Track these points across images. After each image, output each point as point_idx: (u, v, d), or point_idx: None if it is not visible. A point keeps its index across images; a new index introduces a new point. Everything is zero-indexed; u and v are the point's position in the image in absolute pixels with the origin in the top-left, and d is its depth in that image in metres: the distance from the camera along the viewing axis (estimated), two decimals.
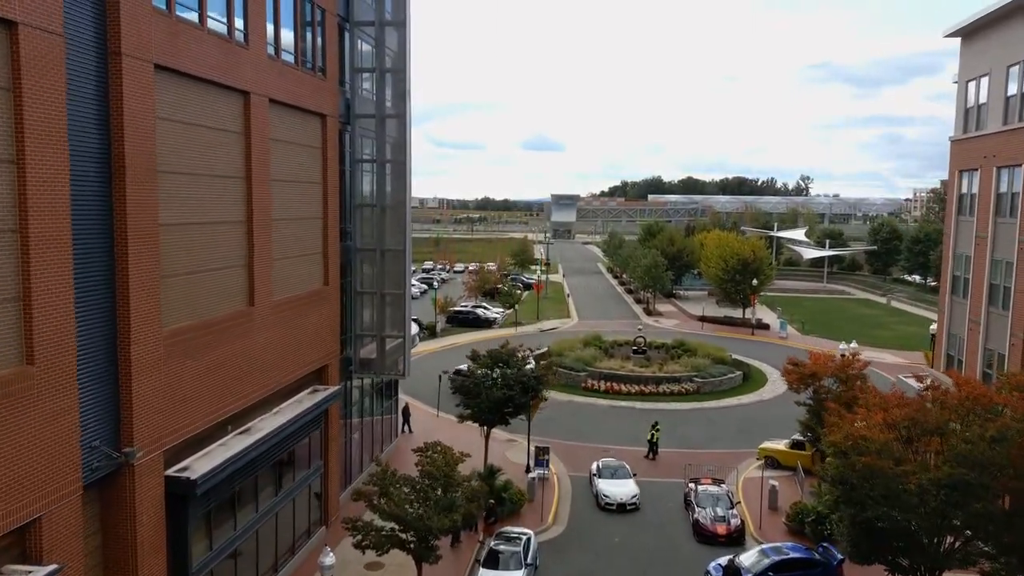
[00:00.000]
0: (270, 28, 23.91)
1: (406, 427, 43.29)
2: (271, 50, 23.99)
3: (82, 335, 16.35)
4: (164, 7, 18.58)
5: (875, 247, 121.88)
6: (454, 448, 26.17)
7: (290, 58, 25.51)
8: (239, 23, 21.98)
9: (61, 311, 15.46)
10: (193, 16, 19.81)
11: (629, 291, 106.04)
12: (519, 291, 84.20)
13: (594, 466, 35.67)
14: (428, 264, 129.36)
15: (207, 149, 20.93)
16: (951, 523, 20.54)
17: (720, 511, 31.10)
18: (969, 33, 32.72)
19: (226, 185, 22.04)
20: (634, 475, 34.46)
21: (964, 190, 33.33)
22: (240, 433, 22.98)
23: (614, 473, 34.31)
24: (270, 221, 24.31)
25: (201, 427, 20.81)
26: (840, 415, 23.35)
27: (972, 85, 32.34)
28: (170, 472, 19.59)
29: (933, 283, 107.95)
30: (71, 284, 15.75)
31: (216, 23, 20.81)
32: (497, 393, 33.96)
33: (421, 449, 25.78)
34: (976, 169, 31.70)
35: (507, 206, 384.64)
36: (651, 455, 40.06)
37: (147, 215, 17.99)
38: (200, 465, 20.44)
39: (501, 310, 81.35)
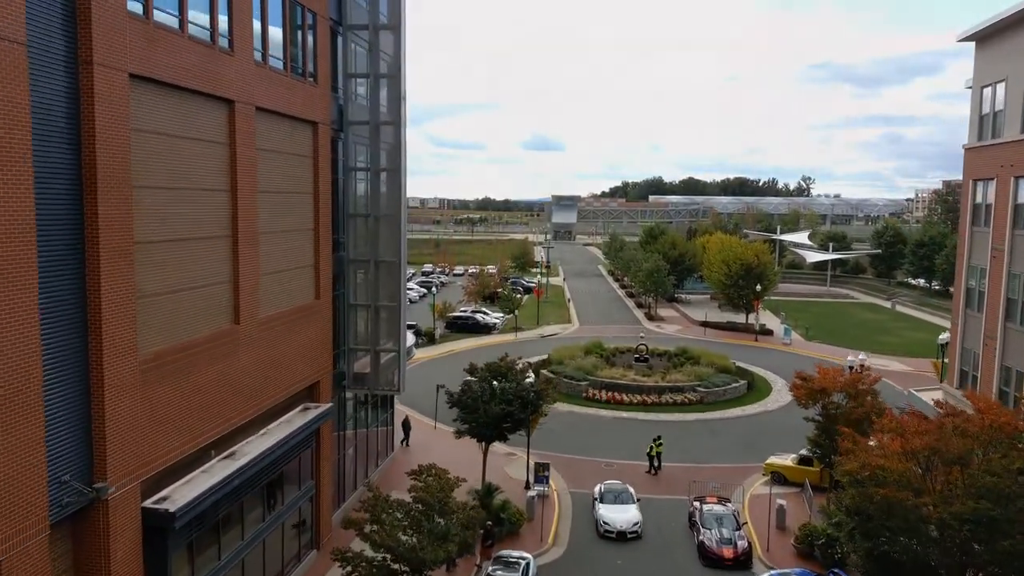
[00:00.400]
0: (257, 33, 22.82)
1: (405, 441, 42.17)
2: (258, 56, 22.89)
3: (50, 364, 15.26)
4: (141, 12, 17.48)
5: (879, 251, 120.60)
6: (451, 466, 25.18)
7: (279, 64, 24.41)
8: (223, 28, 20.88)
9: (25, 340, 14.36)
10: (173, 21, 18.71)
11: (630, 295, 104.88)
12: (519, 295, 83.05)
13: (597, 489, 34.07)
14: (428, 267, 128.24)
15: (188, 161, 19.82)
16: (973, 559, 19.39)
17: (726, 532, 29.94)
18: (985, 37, 31.59)
19: (210, 198, 20.94)
20: (637, 500, 32.91)
21: (979, 200, 32.18)
22: (224, 458, 21.89)
23: (617, 497, 32.70)
24: (257, 235, 23.21)
25: (182, 454, 19.71)
26: (855, 440, 22.20)
27: (988, 91, 31.20)
28: (147, 503, 18.50)
29: (938, 287, 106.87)
30: (36, 310, 14.64)
31: (198, 29, 19.72)
32: (496, 408, 32.88)
33: (415, 472, 24.71)
34: (992, 179, 30.57)
35: (508, 206, 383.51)
36: (652, 471, 38.98)
37: (121, 233, 16.89)
38: (180, 494, 19.35)
39: (501, 315, 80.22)
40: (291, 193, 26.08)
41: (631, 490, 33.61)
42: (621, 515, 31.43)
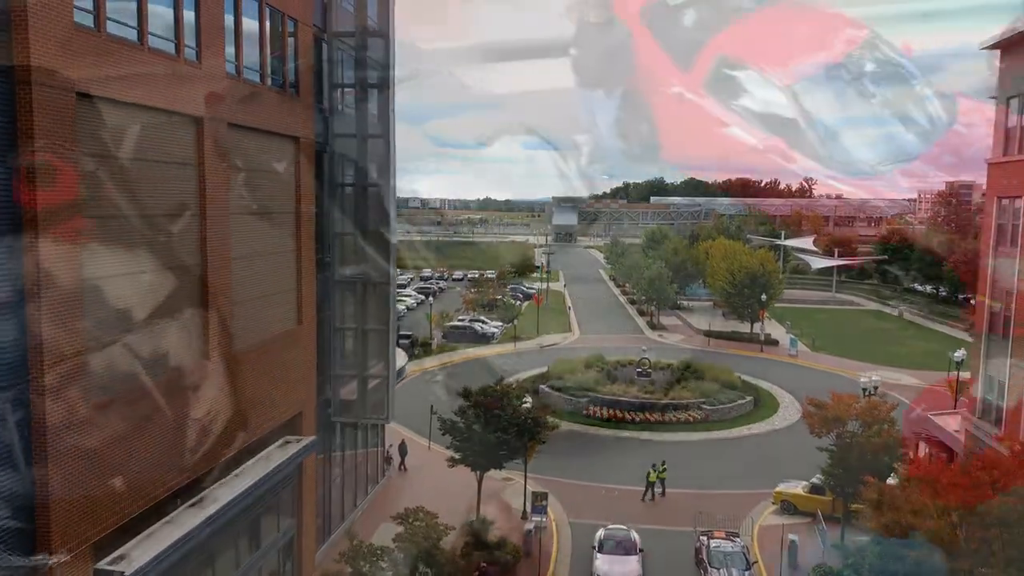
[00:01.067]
0: (230, 42, 21.01)
1: (401, 465, 40.25)
2: (231, 68, 21.10)
3: None
4: (91, 24, 15.69)
5: (885, 256, 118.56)
6: (446, 492, 23.64)
7: (255, 76, 22.61)
8: (190, 39, 19.08)
9: None
10: (130, 33, 16.92)
11: (632, 301, 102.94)
12: (518, 303, 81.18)
13: (597, 537, 31.01)
14: (426, 272, 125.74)
15: (150, 187, 18.05)
16: None
17: (735, 573, 28.13)
18: (1011, 46, 29.76)
19: (176, 224, 19.16)
20: (641, 551, 30.23)
21: (1004, 219, 30.34)
22: (191, 505, 20.08)
23: (619, 544, 30.02)
24: (230, 261, 21.41)
25: (141, 508, 17.94)
26: (880, 492, 20.39)
27: (1015, 103, 29.36)
28: (101, 565, 16.74)
29: (945, 293, 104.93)
30: None
31: (160, 40, 17.93)
32: (490, 437, 31.08)
33: (402, 516, 22.95)
34: (1020, 196, 28.77)
35: (509, 207, 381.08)
36: (651, 497, 37.21)
37: (67, 272, 15.09)
38: (140, 552, 17.54)
39: (500, 324, 78.40)
40: (270, 213, 24.30)
41: (635, 537, 30.71)
42: (619, 568, 28.96)
